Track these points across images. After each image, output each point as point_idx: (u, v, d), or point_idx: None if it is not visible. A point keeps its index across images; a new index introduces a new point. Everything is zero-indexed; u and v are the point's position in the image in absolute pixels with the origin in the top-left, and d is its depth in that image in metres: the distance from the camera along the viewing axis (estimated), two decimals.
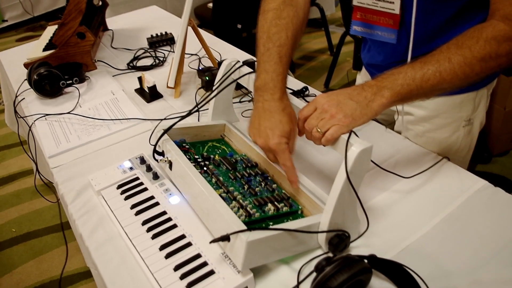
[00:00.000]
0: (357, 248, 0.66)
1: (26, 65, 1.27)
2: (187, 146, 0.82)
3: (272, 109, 0.69)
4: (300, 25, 0.77)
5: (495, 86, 0.93)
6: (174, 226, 0.70)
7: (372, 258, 0.59)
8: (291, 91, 1.06)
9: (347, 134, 0.61)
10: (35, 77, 1.11)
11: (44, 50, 1.35)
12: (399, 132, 0.95)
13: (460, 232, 0.68)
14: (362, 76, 1.07)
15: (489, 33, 0.63)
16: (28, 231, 1.69)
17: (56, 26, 1.48)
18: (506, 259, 0.63)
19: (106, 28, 1.57)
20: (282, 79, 0.71)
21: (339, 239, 0.62)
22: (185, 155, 0.75)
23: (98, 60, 1.34)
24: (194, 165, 0.73)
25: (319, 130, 0.63)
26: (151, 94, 1.12)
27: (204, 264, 0.63)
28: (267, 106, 0.69)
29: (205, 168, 0.76)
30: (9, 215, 1.78)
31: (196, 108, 0.81)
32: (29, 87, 1.15)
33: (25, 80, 1.19)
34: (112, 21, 1.64)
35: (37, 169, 1.05)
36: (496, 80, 0.91)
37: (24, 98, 1.17)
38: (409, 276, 0.59)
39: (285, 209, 0.69)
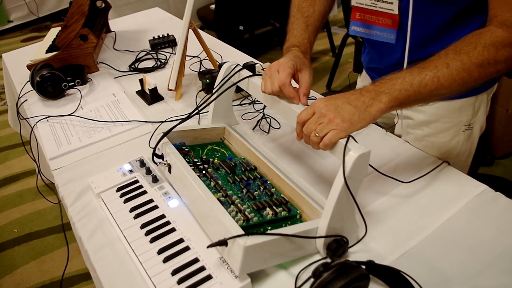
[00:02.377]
0: (356, 253, 0.66)
1: (29, 67, 1.28)
2: (186, 149, 0.82)
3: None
4: (327, 3, 0.88)
5: (497, 88, 0.93)
6: (173, 229, 0.70)
7: (370, 264, 0.58)
8: None
9: (345, 139, 0.61)
10: (38, 78, 1.11)
11: (47, 52, 1.36)
12: (399, 136, 0.95)
13: (460, 238, 0.67)
14: (363, 79, 1.07)
15: (488, 39, 0.62)
16: (30, 232, 1.70)
17: (59, 28, 1.49)
18: (506, 265, 0.63)
19: (108, 30, 1.58)
20: (307, 43, 0.81)
21: (337, 245, 0.62)
22: (184, 158, 0.75)
23: (100, 62, 1.35)
24: (193, 169, 0.73)
25: (317, 134, 0.63)
26: (152, 96, 1.12)
27: (202, 268, 0.63)
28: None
29: (204, 172, 0.76)
30: (12, 215, 1.79)
31: (196, 111, 0.81)
32: (32, 88, 1.16)
33: (27, 81, 1.19)
34: (115, 23, 1.65)
35: (39, 170, 1.06)
36: (496, 85, 0.91)
37: (26, 100, 1.18)
38: (407, 282, 0.59)
39: (283, 213, 0.69)
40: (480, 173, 1.80)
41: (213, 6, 2.60)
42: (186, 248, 0.66)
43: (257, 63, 1.15)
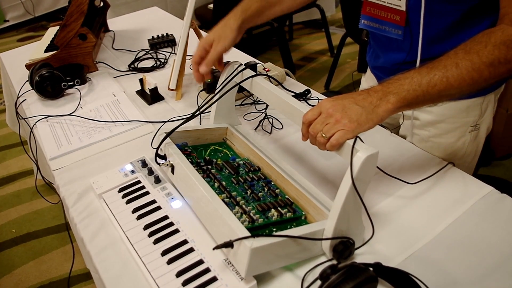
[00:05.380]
0: (362, 255, 0.65)
1: (27, 66, 1.26)
2: (189, 150, 0.81)
3: None
4: None
5: None
6: (176, 231, 0.69)
7: (377, 266, 0.58)
8: (292, 94, 1.05)
9: (353, 140, 0.60)
10: (37, 78, 1.10)
11: (46, 51, 1.34)
12: (404, 137, 0.94)
13: (467, 239, 0.67)
14: (367, 78, 1.06)
15: (498, 37, 0.61)
16: (28, 232, 1.68)
17: (57, 27, 1.47)
18: None
19: (107, 29, 1.57)
20: (248, 9, 0.90)
21: (343, 246, 0.61)
22: (187, 159, 0.74)
23: (99, 62, 1.33)
24: (196, 169, 0.72)
25: (324, 135, 0.62)
26: (152, 96, 1.11)
27: (207, 270, 0.62)
28: None
29: (207, 172, 0.75)
30: (9, 215, 1.78)
31: (200, 111, 0.80)
32: (31, 88, 1.14)
33: (26, 81, 1.18)
34: (113, 22, 1.64)
35: (38, 170, 1.05)
36: (504, 85, 0.90)
37: (25, 99, 1.16)
38: (415, 285, 0.58)
39: (288, 214, 0.69)
40: (481, 174, 1.81)
41: (211, 6, 2.58)
42: (191, 250, 0.65)
43: (258, 63, 1.14)
